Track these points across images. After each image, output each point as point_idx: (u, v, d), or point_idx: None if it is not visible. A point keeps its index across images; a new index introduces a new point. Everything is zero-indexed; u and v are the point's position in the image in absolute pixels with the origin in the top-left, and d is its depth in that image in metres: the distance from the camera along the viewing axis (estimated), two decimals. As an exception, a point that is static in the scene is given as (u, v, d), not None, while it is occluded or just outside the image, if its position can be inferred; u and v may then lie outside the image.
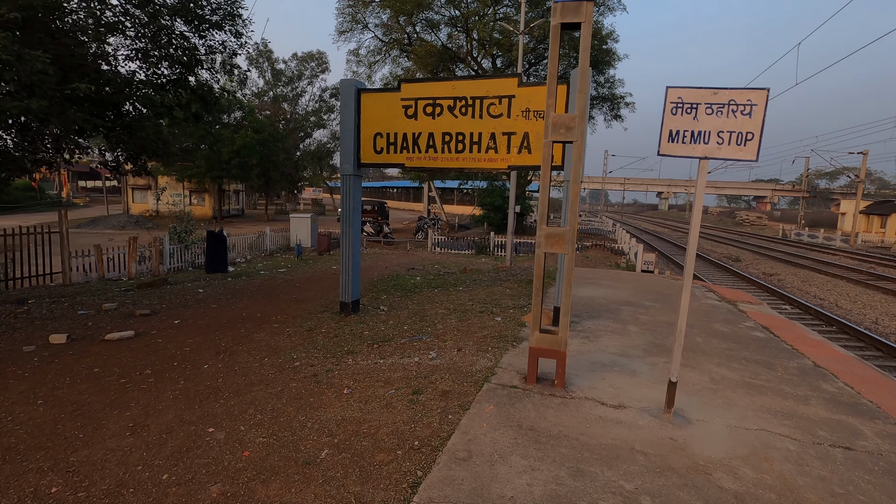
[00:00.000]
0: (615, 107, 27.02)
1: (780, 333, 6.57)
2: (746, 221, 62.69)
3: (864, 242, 35.73)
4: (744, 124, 3.31)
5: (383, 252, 21.35)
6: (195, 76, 8.27)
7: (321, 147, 62.02)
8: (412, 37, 27.07)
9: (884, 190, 71.33)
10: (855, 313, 12.46)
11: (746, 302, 8.90)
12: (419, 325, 6.48)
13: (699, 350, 5.56)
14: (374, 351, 5.40)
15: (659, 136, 3.46)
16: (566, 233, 3.97)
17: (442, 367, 4.71)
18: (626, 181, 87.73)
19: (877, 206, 43.60)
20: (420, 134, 6.72)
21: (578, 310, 7.32)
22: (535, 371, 4.22)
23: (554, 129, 3.92)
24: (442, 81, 6.63)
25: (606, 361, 4.99)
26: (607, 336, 5.94)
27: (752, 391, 4.38)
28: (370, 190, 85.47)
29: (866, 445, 3.45)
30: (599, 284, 9.94)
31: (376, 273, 13.19)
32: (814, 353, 5.76)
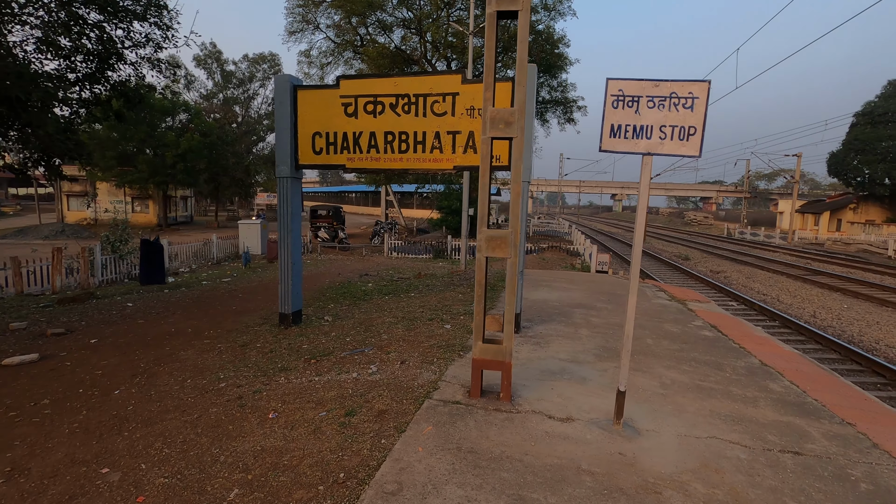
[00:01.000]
0: (568, 110, 27.48)
1: (728, 332, 6.59)
2: (694, 221, 65.49)
3: (800, 239, 37.92)
4: (686, 118, 3.15)
5: (338, 258, 20.70)
6: (114, 71, 7.56)
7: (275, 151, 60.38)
8: (365, 38, 26.59)
9: (815, 190, 76.32)
10: (795, 307, 12.97)
11: (695, 301, 9.01)
12: (363, 336, 6.08)
13: (650, 353, 5.45)
14: (310, 367, 4.96)
15: (600, 131, 3.26)
16: (508, 236, 3.71)
17: (381, 382, 4.35)
18: (582, 184, 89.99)
19: (810, 205, 46.50)
20: (361, 133, 6.35)
21: (531, 314, 7.13)
22: (480, 384, 3.93)
23: (492, 124, 3.66)
24: (383, 78, 6.28)
25: (556, 369, 4.77)
26: (558, 341, 5.74)
27: (702, 394, 4.26)
28: (329, 195, 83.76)
29: (814, 449, 3.35)
30: (553, 287, 9.84)
31: (327, 280, 12.65)
32: (760, 350, 5.78)
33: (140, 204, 38.60)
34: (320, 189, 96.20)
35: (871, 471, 3.09)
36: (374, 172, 6.49)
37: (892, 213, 38.36)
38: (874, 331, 10.72)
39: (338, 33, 27.19)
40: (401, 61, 24.39)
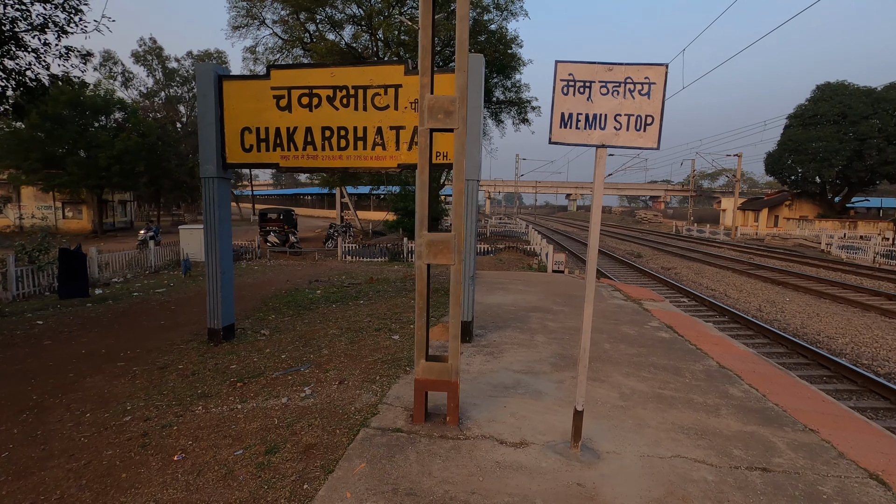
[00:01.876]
0: (522, 111, 27.53)
1: (684, 332, 6.46)
2: (645, 219, 67.84)
3: (742, 235, 39.83)
4: (642, 106, 2.83)
5: (289, 263, 19.76)
6: (12, 58, 6.62)
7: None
8: (314, 35, 25.65)
9: (754, 189, 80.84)
10: (742, 302, 13.30)
11: (650, 300, 8.94)
12: (301, 352, 5.51)
13: (608, 359, 5.18)
14: (235, 392, 4.37)
15: (550, 121, 2.89)
16: (451, 240, 3.29)
17: (314, 408, 3.82)
18: (538, 184, 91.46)
19: (750, 202, 49.06)
20: (296, 129, 5.77)
21: (485, 320, 6.76)
22: (424, 407, 3.49)
23: (430, 114, 3.22)
24: (319, 68, 5.73)
25: (510, 382, 4.40)
26: (513, 350, 5.39)
27: (663, 404, 4.00)
28: (283, 197, 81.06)
29: (782, 463, 3.12)
30: (509, 289, 9.54)
31: (273, 288, 11.87)
32: (716, 351, 5.64)
33: (72, 209, 35.79)
34: (274, 192, 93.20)
35: (841, 486, 2.87)
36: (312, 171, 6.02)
37: (823, 209, 40.96)
38: (815, 322, 11.06)
39: (285, 29, 26.11)
40: (352, 59, 23.65)
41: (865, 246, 24.24)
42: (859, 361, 8.33)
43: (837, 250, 25.70)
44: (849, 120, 35.87)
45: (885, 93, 35.22)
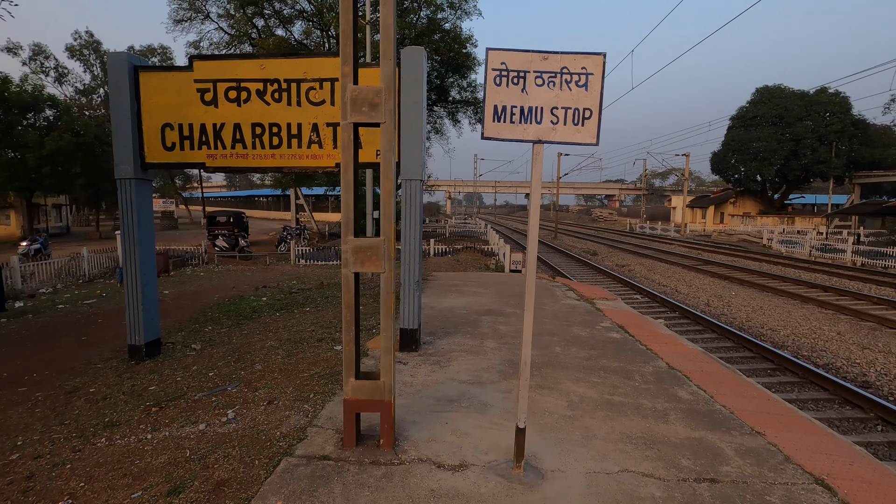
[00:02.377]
0: (479, 110, 27.51)
1: (635, 332, 6.42)
2: (601, 218, 69.70)
3: (691, 232, 41.48)
4: (580, 98, 2.62)
5: (238, 269, 18.86)
6: None
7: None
8: (263, 31, 24.66)
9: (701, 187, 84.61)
10: (692, 297, 13.65)
11: (603, 298, 8.94)
12: (232, 369, 5.05)
13: (558, 364, 5.02)
14: (148, 419, 3.90)
15: (482, 114, 2.64)
16: (379, 245, 2.98)
17: (234, 435, 3.43)
18: (497, 184, 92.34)
19: (698, 200, 51.23)
20: (223, 125, 5.30)
21: (435, 325, 6.49)
22: (355, 430, 3.16)
23: (353, 106, 2.91)
24: (247, 59, 5.29)
25: (455, 395, 4.14)
26: (461, 358, 5.14)
27: (612, 412, 3.84)
28: (236, 199, 78.08)
29: (730, 472, 3.00)
30: (463, 291, 9.32)
31: (217, 296, 11.18)
32: (666, 351, 5.60)
33: (-1, 214, 33.02)
34: (227, 194, 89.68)
35: (788, 494, 2.77)
36: (242, 171, 5.59)
37: (764, 206, 43.25)
38: (759, 315, 11.44)
39: (231, 24, 24.98)
40: (287, 50, 22.82)
41: (802, 240, 25.64)
42: (800, 353, 8.60)
43: (777, 245, 27.07)
44: (785, 121, 38.01)
45: (816, 96, 37.52)
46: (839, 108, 36.72)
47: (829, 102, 36.94)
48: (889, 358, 8.36)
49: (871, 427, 5.83)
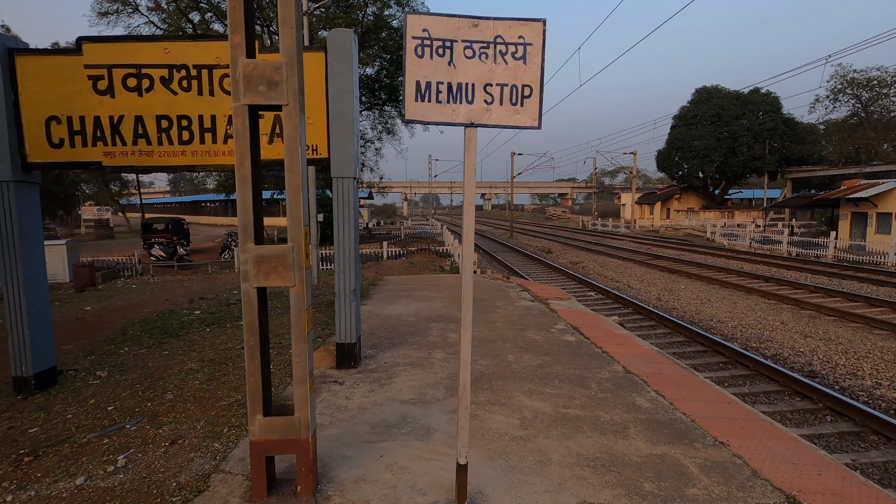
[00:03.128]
0: (431, 110, 27.10)
1: (590, 333, 6.16)
2: (555, 216, 71.03)
3: (640, 227, 42.81)
4: (518, 73, 2.21)
5: (176, 279, 17.54)
6: None
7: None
8: (199, 26, 23.21)
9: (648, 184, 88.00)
10: (643, 292, 13.77)
11: (557, 298, 8.71)
12: (138, 399, 4.35)
13: (511, 374, 4.64)
14: (17, 472, 3.18)
15: (403, 92, 2.18)
16: (287, 254, 2.46)
17: (118, 491, 2.80)
18: (453, 184, 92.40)
19: (645, 197, 53.05)
20: (122, 118, 4.59)
21: (380, 336, 5.98)
22: (265, 477, 2.62)
23: (248, 85, 2.37)
24: (148, 42, 4.61)
25: (395, 418, 3.66)
26: (405, 373, 4.67)
27: (568, 428, 3.48)
28: (182, 205, 73.84)
29: (697, 495, 2.68)
30: (414, 296, 8.84)
31: (146, 310, 10.16)
32: (622, 353, 5.35)
33: None
34: (172, 199, 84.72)
35: (760, 518, 2.48)
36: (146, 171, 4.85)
37: (707, 201, 45.25)
38: (707, 308, 11.62)
39: (163, 18, 23.37)
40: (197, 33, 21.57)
41: (742, 233, 26.84)
42: (749, 345, 8.68)
43: (720, 238, 28.23)
44: (723, 120, 39.89)
45: (750, 96, 39.60)
46: (771, 107, 38.92)
47: (762, 102, 39.09)
48: (829, 345, 8.57)
49: (821, 418, 5.82)
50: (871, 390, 6.65)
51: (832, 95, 34.52)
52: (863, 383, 6.90)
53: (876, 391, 6.60)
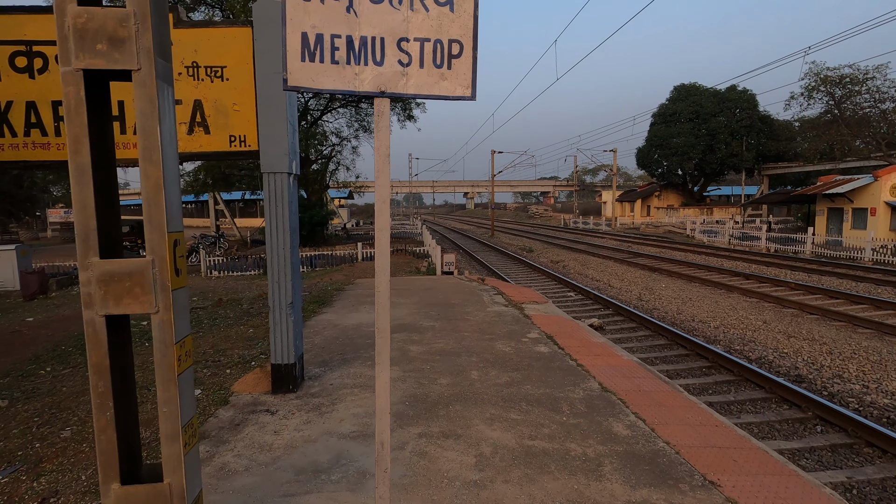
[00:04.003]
0: (407, 108, 26.48)
1: (565, 343, 5.64)
2: (537, 214, 71.02)
3: (621, 225, 42.82)
4: (443, 25, 1.64)
5: (137, 285, 16.60)
6: None
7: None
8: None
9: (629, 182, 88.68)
10: (624, 291, 13.39)
11: (533, 302, 8.20)
12: (29, 437, 3.66)
13: (473, 396, 4.08)
14: None
15: (283, 49, 1.58)
16: (145, 270, 1.83)
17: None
18: (435, 184, 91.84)
19: (626, 194, 53.24)
20: (11, 104, 3.88)
21: (333, 351, 5.37)
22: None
23: (80, 43, 1.74)
24: (43, 14, 3.90)
25: (327, 460, 3.06)
26: (352, 397, 4.07)
27: (533, 468, 2.93)
28: (122, 207, 71.10)
29: (685, 564, 2.15)
30: (380, 303, 8.24)
31: (91, 322, 9.33)
32: (599, 366, 4.84)
33: None
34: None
35: None
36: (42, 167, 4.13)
37: (686, 198, 45.54)
38: (689, 307, 11.27)
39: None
40: None
41: (721, 230, 26.84)
42: (732, 347, 8.30)
43: (700, 235, 28.20)
44: (701, 117, 40.10)
45: (727, 93, 39.87)
46: (747, 104, 39.26)
47: (739, 99, 39.39)
48: (813, 346, 8.25)
49: (811, 429, 5.42)
50: (861, 396, 6.28)
51: (806, 93, 34.88)
52: (852, 388, 6.54)
53: (866, 396, 6.23)
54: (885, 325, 8.84)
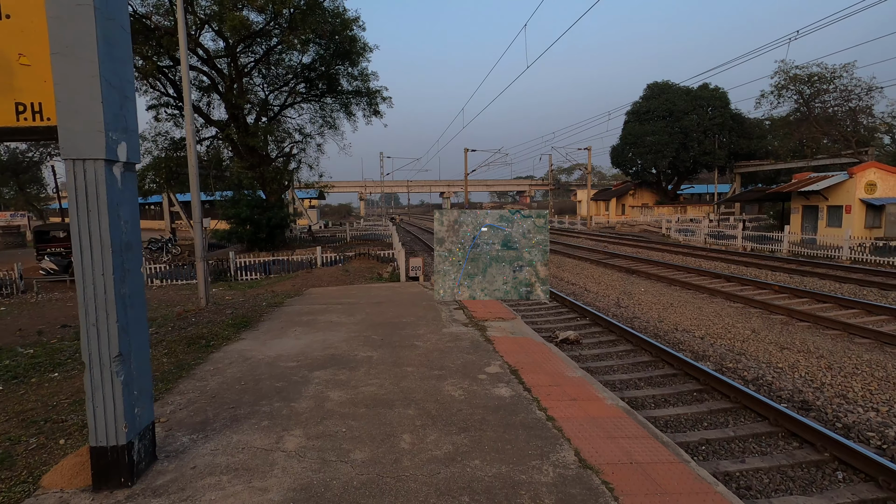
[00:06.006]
0: (373, 102, 25.07)
1: (532, 379, 4.44)
2: (512, 213, 70.16)
3: (597, 224, 42.27)
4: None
5: (65, 297, 14.77)
6: None
7: (16, 156, 45.95)
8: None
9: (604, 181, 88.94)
10: (601, 296, 12.39)
11: (499, 318, 7.00)
12: None
13: (394, 485, 2.82)
14: None
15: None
16: None
17: None
18: (410, 183, 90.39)
19: (601, 193, 52.91)
20: None
21: (223, 402, 4.02)
22: None
23: None
24: None
25: None
26: (218, 491, 2.76)
27: None
28: None
29: None
30: (316, 323, 6.88)
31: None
32: (575, 418, 3.65)
33: None
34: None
35: None
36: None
37: (660, 196, 45.35)
38: (670, 314, 10.35)
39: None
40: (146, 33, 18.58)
41: (696, 228, 26.33)
42: (724, 364, 7.32)
43: (675, 234, 27.66)
44: (674, 116, 39.84)
45: (700, 92, 39.73)
46: (719, 102, 39.19)
47: (711, 97, 39.29)
48: (810, 359, 7.37)
49: (831, 475, 4.41)
50: (881, 429, 5.29)
51: (776, 91, 34.93)
52: (868, 417, 5.57)
53: (888, 430, 5.25)
54: (883, 334, 8.03)
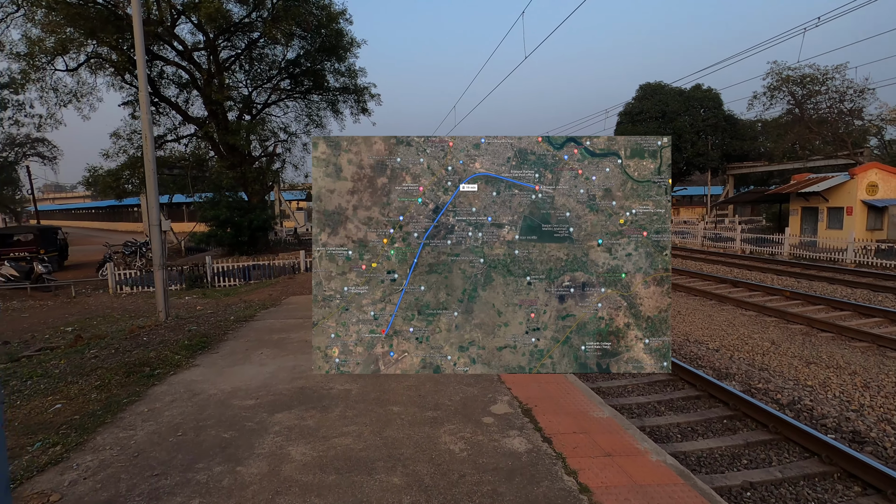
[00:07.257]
0: (361, 99, 24.06)
1: (551, 424, 3.54)
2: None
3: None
4: None
5: (24, 306, 13.62)
6: None
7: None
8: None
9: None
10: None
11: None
12: None
13: None
14: None
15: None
16: None
17: None
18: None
19: (593, 194, 52.29)
20: None
21: (144, 470, 3.05)
22: None
23: None
24: None
25: None
26: None
27: None
28: (103, 211, 65.09)
29: None
30: (288, 343, 5.90)
31: None
32: (616, 486, 2.75)
33: None
34: (92, 205, 74.23)
35: None
36: None
37: (652, 198, 44.79)
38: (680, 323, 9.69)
39: None
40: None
41: (694, 231, 25.72)
42: (751, 384, 6.51)
43: (672, 236, 27.05)
44: (667, 117, 39.36)
45: (692, 93, 39.30)
46: (712, 103, 38.81)
47: (704, 98, 38.89)
48: (842, 376, 6.62)
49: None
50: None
51: (769, 92, 34.61)
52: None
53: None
54: (918, 349, 7.29)
